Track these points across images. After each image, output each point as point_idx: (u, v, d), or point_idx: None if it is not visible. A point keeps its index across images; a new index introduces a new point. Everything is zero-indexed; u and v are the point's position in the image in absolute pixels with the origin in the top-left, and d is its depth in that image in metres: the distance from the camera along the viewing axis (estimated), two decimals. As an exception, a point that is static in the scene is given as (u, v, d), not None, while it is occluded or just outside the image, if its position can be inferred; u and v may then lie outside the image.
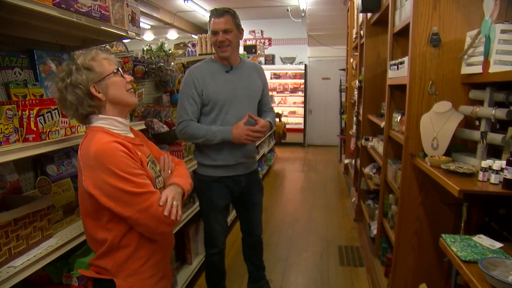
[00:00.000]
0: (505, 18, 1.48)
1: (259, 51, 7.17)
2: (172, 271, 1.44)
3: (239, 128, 1.95)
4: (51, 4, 1.27)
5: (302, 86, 8.69)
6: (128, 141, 1.20)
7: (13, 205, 1.28)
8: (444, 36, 1.81)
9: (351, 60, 5.02)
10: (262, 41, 8.75)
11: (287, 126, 8.18)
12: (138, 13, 1.87)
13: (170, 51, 3.55)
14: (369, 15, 3.38)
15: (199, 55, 3.61)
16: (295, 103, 8.89)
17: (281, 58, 8.67)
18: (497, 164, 1.35)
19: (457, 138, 1.78)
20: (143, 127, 1.98)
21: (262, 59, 7.84)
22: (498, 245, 1.31)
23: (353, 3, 4.71)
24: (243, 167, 2.11)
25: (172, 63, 2.87)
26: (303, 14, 7.39)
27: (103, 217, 1.14)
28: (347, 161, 5.55)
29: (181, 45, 4.22)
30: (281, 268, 2.98)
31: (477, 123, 1.67)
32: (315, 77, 8.74)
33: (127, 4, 1.76)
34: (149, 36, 9.22)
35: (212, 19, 1.95)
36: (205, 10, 7.40)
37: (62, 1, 1.31)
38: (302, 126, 8.79)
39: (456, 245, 1.34)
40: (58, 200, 1.58)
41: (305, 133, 8.83)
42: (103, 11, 1.55)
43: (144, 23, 8.15)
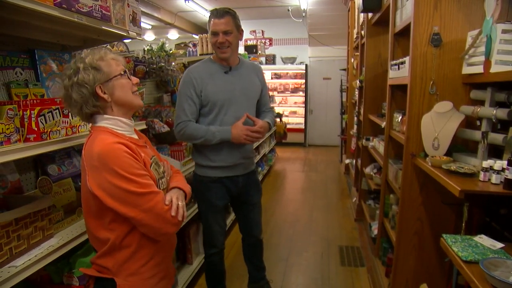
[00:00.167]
0: (506, 18, 1.48)
1: (260, 51, 7.16)
2: (174, 271, 1.44)
3: (238, 128, 1.94)
4: (52, 4, 1.27)
5: (303, 86, 8.68)
6: (132, 142, 1.20)
7: (14, 205, 1.28)
8: (445, 36, 1.81)
9: (352, 60, 5.01)
10: (263, 41, 8.75)
11: (288, 126, 8.19)
12: (139, 13, 1.87)
13: (171, 51, 3.56)
14: (370, 15, 3.38)
15: (200, 55, 3.61)
16: (296, 103, 8.89)
17: (282, 58, 8.66)
18: (498, 164, 1.35)
19: (458, 138, 1.78)
20: (144, 127, 1.98)
21: (263, 59, 7.84)
22: (499, 245, 1.31)
23: (354, 3, 4.70)
24: (241, 168, 2.11)
25: (173, 63, 2.87)
26: (304, 14, 7.39)
27: (106, 217, 1.15)
28: (347, 161, 5.55)
29: (182, 45, 4.22)
30: (282, 268, 2.98)
31: (478, 123, 1.67)
32: (316, 77, 8.73)
33: (128, 4, 1.76)
34: (150, 36, 9.23)
35: (212, 20, 1.92)
36: (206, 10, 7.40)
37: (63, 1, 1.32)
38: (303, 126, 8.78)
39: (457, 245, 1.34)
40: (59, 200, 1.58)
41: (306, 133, 8.83)
42: (104, 11, 1.56)
43: (145, 23, 8.16)
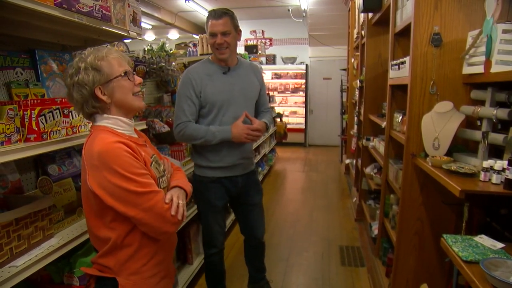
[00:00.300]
0: (507, 18, 1.48)
1: (260, 51, 7.15)
2: (175, 270, 1.44)
3: (238, 127, 1.94)
4: (52, 4, 1.27)
5: (303, 86, 8.68)
6: (132, 141, 1.20)
7: (14, 205, 1.28)
8: (445, 36, 1.80)
9: (352, 60, 5.01)
10: (263, 41, 8.75)
11: (288, 126, 8.18)
12: (139, 13, 1.87)
13: (171, 51, 3.56)
14: (370, 15, 3.38)
15: (200, 55, 3.61)
16: (296, 103, 8.89)
17: (282, 58, 8.66)
18: (499, 164, 1.35)
19: (459, 138, 1.78)
20: (144, 127, 1.97)
21: (263, 59, 7.83)
22: (500, 245, 1.31)
23: (354, 3, 4.70)
24: (241, 168, 2.10)
25: (173, 63, 2.87)
26: (304, 14, 7.38)
27: (107, 216, 1.15)
28: (348, 161, 5.55)
29: (182, 45, 4.21)
30: (282, 268, 2.98)
31: (478, 123, 1.67)
32: (316, 77, 8.73)
33: (128, 4, 1.76)
34: (150, 36, 9.23)
35: (210, 21, 1.91)
36: (206, 10, 7.40)
37: (64, 1, 1.32)
38: (303, 126, 8.78)
39: (457, 245, 1.33)
40: (59, 200, 1.58)
41: (306, 133, 8.83)
42: (104, 11, 1.56)
43: (145, 23, 8.16)
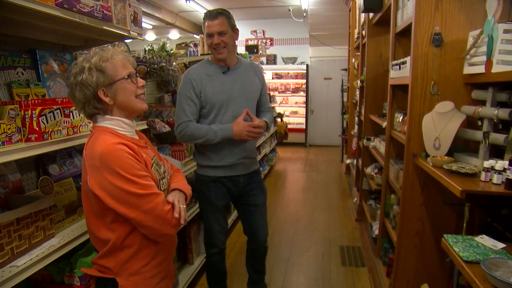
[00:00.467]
0: (508, 18, 1.47)
1: (260, 51, 7.15)
2: (175, 270, 1.44)
3: (240, 125, 1.93)
4: (53, 4, 1.27)
5: (304, 86, 8.68)
6: (134, 142, 1.20)
7: (15, 205, 1.28)
8: (446, 36, 1.80)
9: (353, 60, 5.01)
10: (264, 41, 8.75)
11: (289, 126, 8.18)
12: (140, 13, 1.87)
13: (172, 51, 3.56)
14: (371, 15, 3.38)
15: (201, 55, 3.61)
16: (296, 103, 8.89)
17: (282, 58, 8.65)
18: (500, 164, 1.35)
19: (459, 138, 1.77)
20: (145, 127, 1.97)
21: (264, 59, 7.83)
22: (501, 245, 1.31)
23: (355, 3, 4.70)
24: (242, 168, 2.09)
25: (174, 63, 2.87)
26: (304, 14, 7.38)
27: (107, 217, 1.15)
28: (348, 161, 5.54)
29: (183, 45, 4.21)
30: (283, 268, 2.98)
31: (479, 123, 1.66)
32: (316, 77, 8.73)
33: (129, 4, 1.76)
34: (151, 36, 9.23)
35: (206, 22, 1.93)
36: (207, 10, 7.40)
37: (65, 1, 1.32)
38: (303, 126, 8.78)
39: (458, 246, 1.33)
40: (60, 200, 1.58)
41: (306, 133, 8.82)
42: (105, 11, 1.56)
43: (146, 23, 8.16)
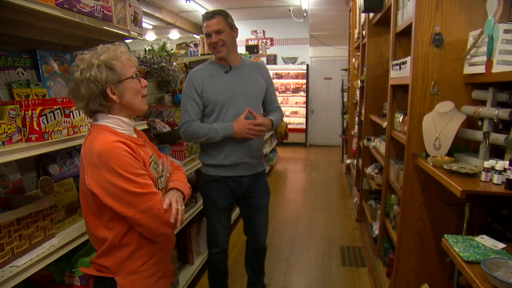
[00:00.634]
0: (508, 18, 1.47)
1: (261, 51, 7.14)
2: (173, 269, 1.44)
3: (240, 123, 1.94)
4: (53, 4, 1.27)
5: (304, 86, 8.68)
6: (132, 141, 1.20)
7: (15, 205, 1.28)
8: (446, 36, 1.80)
9: (353, 60, 5.01)
10: (264, 41, 8.75)
11: (289, 126, 8.18)
12: (140, 13, 1.87)
13: (172, 51, 3.55)
14: (371, 15, 3.38)
15: (201, 55, 3.61)
16: (297, 103, 8.89)
17: (283, 58, 8.65)
18: (500, 164, 1.35)
19: (460, 138, 1.77)
20: (145, 127, 1.98)
21: (264, 59, 7.82)
22: (501, 245, 1.31)
23: (355, 3, 4.70)
24: (246, 168, 2.08)
25: (174, 63, 2.87)
26: (305, 14, 7.38)
27: (104, 215, 1.15)
28: (349, 161, 5.54)
29: (183, 45, 4.21)
30: (283, 268, 2.98)
31: (479, 123, 1.66)
32: (317, 77, 8.73)
33: (129, 4, 1.76)
34: (151, 36, 9.23)
35: (205, 23, 1.98)
36: (207, 10, 7.40)
37: (65, 1, 1.32)
38: (304, 126, 8.78)
39: (458, 246, 1.33)
40: (60, 200, 1.58)
41: (307, 133, 8.82)
42: (105, 11, 1.56)
43: (146, 23, 8.16)
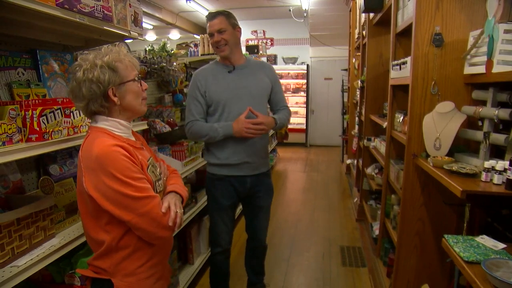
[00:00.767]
0: (508, 18, 1.47)
1: (261, 51, 7.14)
2: (171, 271, 1.43)
3: (239, 122, 1.95)
4: (54, 5, 1.27)
5: (304, 86, 8.68)
6: (129, 144, 1.19)
7: (16, 205, 1.28)
8: (446, 36, 1.80)
9: (353, 60, 5.01)
10: (264, 41, 8.75)
11: (289, 126, 8.15)
12: (140, 13, 1.87)
13: (172, 51, 3.56)
14: (371, 15, 3.38)
15: (201, 55, 3.61)
16: (297, 103, 8.88)
17: (283, 58, 8.65)
18: (500, 164, 1.35)
19: (460, 138, 1.77)
20: (145, 127, 1.98)
21: (264, 59, 7.81)
22: (501, 245, 1.30)
23: (355, 3, 4.70)
24: (249, 168, 2.08)
25: (174, 63, 2.87)
26: (305, 14, 7.38)
27: (102, 218, 1.14)
28: (349, 161, 5.54)
29: (184, 45, 4.21)
30: (283, 268, 2.98)
31: (480, 123, 1.66)
32: (317, 77, 8.73)
33: (129, 4, 1.76)
34: (151, 36, 9.24)
35: (208, 23, 2.00)
36: (207, 10, 7.40)
37: (65, 1, 1.32)
38: (304, 126, 8.77)
39: (458, 246, 1.33)
40: (60, 200, 1.59)
41: (307, 133, 8.82)
42: (105, 11, 1.56)
43: (147, 23, 8.17)
